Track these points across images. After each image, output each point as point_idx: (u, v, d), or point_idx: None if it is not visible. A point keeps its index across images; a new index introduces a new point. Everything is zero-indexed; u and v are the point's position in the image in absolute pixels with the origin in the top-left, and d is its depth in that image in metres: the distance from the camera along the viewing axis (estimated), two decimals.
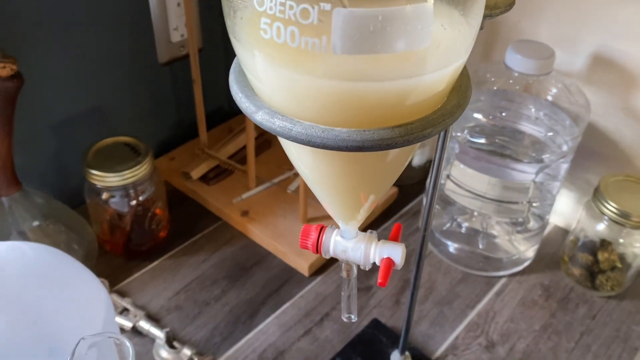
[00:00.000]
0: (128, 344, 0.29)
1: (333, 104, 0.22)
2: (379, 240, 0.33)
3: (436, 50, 0.22)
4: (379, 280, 0.32)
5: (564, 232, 0.72)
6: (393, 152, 0.27)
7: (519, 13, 0.65)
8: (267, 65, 0.22)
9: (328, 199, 0.30)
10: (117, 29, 0.67)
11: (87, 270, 0.42)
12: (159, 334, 0.57)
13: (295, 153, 0.27)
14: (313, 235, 0.33)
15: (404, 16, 0.20)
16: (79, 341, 0.29)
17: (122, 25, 0.67)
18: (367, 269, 0.34)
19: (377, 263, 0.33)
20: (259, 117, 0.24)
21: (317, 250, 0.33)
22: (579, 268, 0.64)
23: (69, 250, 0.61)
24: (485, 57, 0.70)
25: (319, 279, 0.66)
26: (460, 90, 0.25)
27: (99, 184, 0.60)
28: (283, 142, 0.28)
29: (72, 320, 0.39)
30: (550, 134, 0.59)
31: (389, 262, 0.32)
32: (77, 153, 0.61)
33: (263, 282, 0.65)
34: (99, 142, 0.62)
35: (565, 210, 0.71)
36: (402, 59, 0.21)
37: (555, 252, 0.70)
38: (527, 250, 0.67)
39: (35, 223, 0.60)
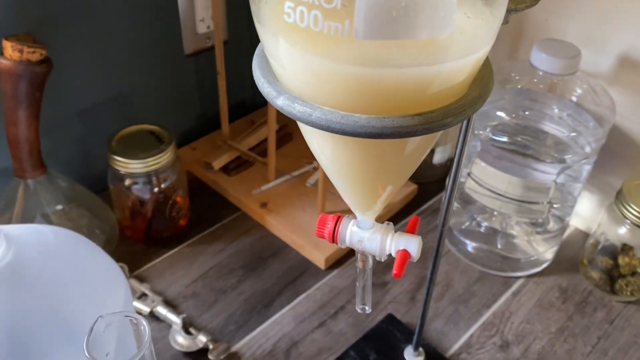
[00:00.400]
0: (145, 323, 0.29)
1: (354, 89, 0.22)
2: (395, 232, 0.33)
3: (459, 39, 0.22)
4: (394, 272, 0.32)
5: (584, 235, 0.71)
6: (412, 143, 0.27)
7: (546, 11, 0.64)
8: (290, 50, 0.23)
9: (346, 189, 0.31)
10: (145, 19, 0.68)
11: (106, 255, 0.43)
12: (175, 319, 0.58)
13: (316, 141, 0.28)
14: (330, 225, 0.33)
15: (427, 2, 0.20)
16: (97, 319, 0.29)
17: (150, 16, 0.68)
18: (382, 260, 0.34)
19: (393, 254, 0.33)
20: (280, 102, 0.24)
21: (334, 239, 0.33)
22: (599, 272, 0.63)
23: (90, 234, 0.63)
24: (512, 55, 0.70)
25: (335, 272, 0.66)
26: (483, 82, 0.25)
27: (122, 170, 0.61)
28: (304, 129, 0.28)
29: (90, 303, 0.39)
30: (573, 134, 0.58)
31: (405, 253, 0.32)
32: (102, 139, 0.62)
33: (279, 273, 0.65)
34: (123, 129, 0.63)
35: (587, 212, 0.70)
36: (424, 46, 0.21)
37: (574, 255, 0.69)
38: (546, 252, 0.67)
39: (59, 206, 0.61)
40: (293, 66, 0.23)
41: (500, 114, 0.59)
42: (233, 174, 0.75)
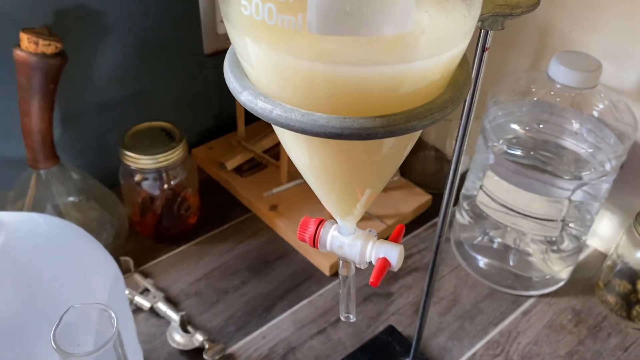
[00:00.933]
0: (113, 315, 0.29)
1: (312, 86, 0.22)
2: (378, 239, 0.32)
3: (424, 37, 0.21)
4: (371, 280, 0.31)
5: (603, 256, 0.68)
6: (387, 144, 0.26)
7: (570, 23, 0.62)
8: (254, 47, 0.22)
9: (323, 192, 0.30)
10: (166, 17, 0.68)
11: (99, 246, 0.43)
12: (174, 316, 0.58)
13: (288, 143, 0.27)
14: (311, 228, 0.32)
15: None
16: (68, 309, 0.29)
17: (171, 14, 0.69)
18: (362, 268, 0.33)
19: (374, 262, 0.32)
20: (243, 97, 0.24)
21: (314, 243, 0.32)
22: (615, 296, 0.60)
23: (100, 227, 0.63)
24: (533, 66, 0.68)
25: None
26: (457, 86, 0.24)
27: (133, 166, 0.62)
28: (277, 132, 0.27)
29: (78, 292, 0.40)
30: (591, 150, 0.56)
31: (385, 262, 0.31)
32: (117, 135, 0.63)
33: (283, 277, 0.65)
34: (136, 125, 0.64)
35: (607, 233, 0.68)
36: (386, 44, 0.20)
37: (591, 277, 0.66)
38: (561, 271, 0.64)
39: (70, 198, 0.62)
40: (259, 64, 0.23)
41: (515, 126, 0.57)
42: (246, 175, 0.75)
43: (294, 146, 0.27)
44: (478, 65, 0.32)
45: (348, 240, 0.32)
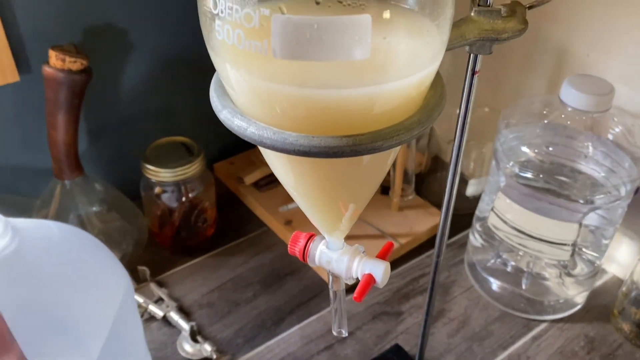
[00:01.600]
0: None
1: (282, 107, 0.23)
2: (365, 255, 0.33)
3: (384, 62, 0.22)
4: (355, 295, 0.32)
5: (620, 282, 0.67)
6: (365, 160, 0.27)
7: (587, 47, 0.62)
8: (226, 67, 0.24)
9: (307, 208, 0.31)
10: (189, 35, 0.71)
11: (110, 254, 0.45)
12: (185, 326, 0.59)
13: (269, 158, 0.28)
14: (301, 243, 0.33)
15: (340, 26, 0.20)
16: None
17: (194, 33, 0.71)
18: (349, 283, 0.34)
19: (360, 278, 0.33)
20: (222, 115, 0.25)
21: (304, 258, 0.33)
22: (630, 324, 0.59)
23: (120, 237, 0.66)
24: (550, 89, 0.67)
25: (349, 297, 0.65)
26: (427, 108, 0.25)
27: (153, 179, 0.64)
28: (262, 151, 0.29)
29: (87, 299, 0.41)
30: (603, 174, 0.55)
31: (369, 278, 0.32)
32: (140, 148, 0.65)
33: (294, 292, 0.66)
34: (158, 139, 0.66)
35: (624, 259, 0.66)
36: (346, 68, 0.21)
37: (608, 303, 0.65)
38: (577, 296, 0.63)
39: (93, 208, 0.64)
40: (236, 84, 0.24)
41: (525, 149, 0.57)
42: (263, 190, 0.76)
43: (276, 162, 0.28)
44: (469, 88, 0.33)
45: (335, 256, 0.33)
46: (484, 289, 0.66)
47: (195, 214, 0.68)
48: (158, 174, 0.64)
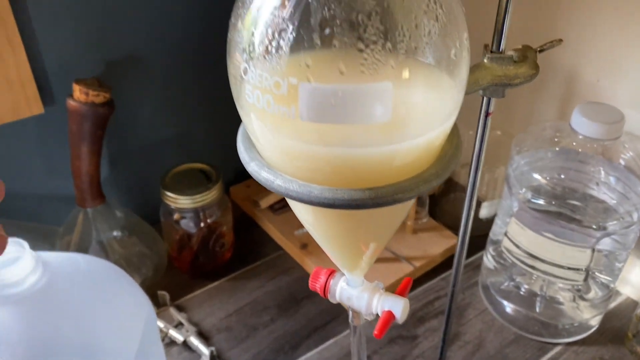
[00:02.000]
0: None
1: (308, 163, 0.24)
2: (385, 291, 0.34)
3: (404, 122, 0.23)
4: (375, 332, 0.33)
5: (635, 304, 0.67)
6: (383, 210, 0.28)
7: (597, 72, 0.63)
8: (257, 125, 0.25)
9: (327, 248, 0.32)
10: (206, 64, 0.73)
11: (134, 284, 0.47)
12: (204, 351, 0.61)
13: (295, 206, 0.30)
14: (322, 279, 0.35)
15: (363, 93, 0.21)
16: None
17: (211, 61, 0.73)
18: (369, 320, 0.35)
19: (379, 314, 0.34)
20: (250, 167, 0.26)
21: (325, 294, 0.35)
22: None
23: (140, 262, 0.67)
24: (561, 115, 0.68)
25: (369, 330, 0.66)
26: (444, 160, 0.26)
27: (172, 205, 0.66)
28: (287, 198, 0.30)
29: (113, 329, 0.43)
30: (615, 200, 0.56)
31: (389, 315, 0.33)
32: (160, 174, 0.67)
33: (311, 315, 0.67)
34: (176, 167, 0.68)
35: (638, 281, 0.67)
36: (366, 129, 0.23)
37: (622, 326, 0.65)
38: (591, 319, 0.64)
39: (114, 234, 0.66)
40: (263, 140, 0.26)
41: (537, 176, 0.58)
42: (278, 213, 0.78)
43: (298, 207, 0.29)
44: (482, 129, 0.34)
45: (356, 292, 0.34)
46: (498, 311, 0.67)
47: (214, 238, 0.69)
48: (177, 201, 0.66)
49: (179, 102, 0.74)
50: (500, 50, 0.31)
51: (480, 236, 0.77)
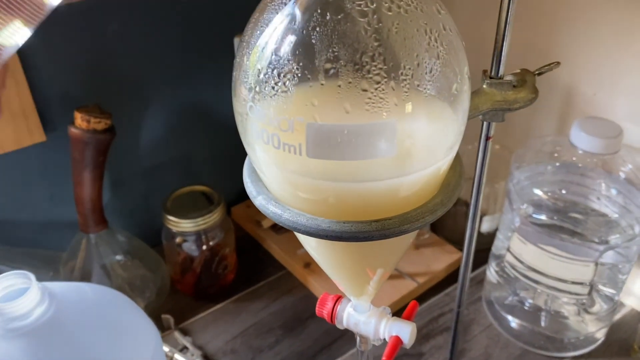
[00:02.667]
0: None
1: (313, 197, 0.25)
2: (392, 316, 0.34)
3: (405, 157, 0.23)
4: (383, 358, 0.33)
5: (639, 315, 0.67)
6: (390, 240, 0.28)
7: (595, 86, 0.63)
8: (263, 161, 0.25)
9: (334, 275, 0.32)
10: (205, 86, 0.74)
11: (140, 311, 0.47)
12: None
13: (301, 236, 0.30)
14: (329, 305, 0.35)
15: (368, 131, 0.22)
16: None
17: (210, 83, 0.74)
18: (376, 345, 0.35)
19: (387, 339, 0.34)
20: (258, 201, 0.27)
21: (332, 320, 0.35)
22: None
23: (143, 285, 0.67)
24: (560, 129, 0.69)
25: (377, 353, 0.66)
26: (448, 189, 0.27)
27: (174, 229, 0.66)
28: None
29: (122, 357, 0.43)
30: (617, 213, 0.56)
31: (397, 340, 0.33)
32: (162, 196, 0.67)
33: (317, 335, 0.67)
34: (178, 190, 0.68)
35: None
36: (372, 164, 0.23)
37: (628, 337, 0.65)
38: (596, 332, 0.64)
39: (117, 258, 0.66)
40: (270, 174, 0.26)
41: (537, 191, 0.58)
42: (281, 233, 0.78)
43: (307, 240, 0.30)
44: (483, 153, 0.34)
45: (363, 318, 0.34)
46: (503, 326, 0.67)
47: (216, 261, 0.69)
48: (179, 225, 0.66)
49: (178, 125, 0.74)
50: (499, 75, 0.32)
51: (482, 250, 0.77)
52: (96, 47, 0.63)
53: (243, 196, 0.85)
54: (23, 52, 0.57)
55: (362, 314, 0.34)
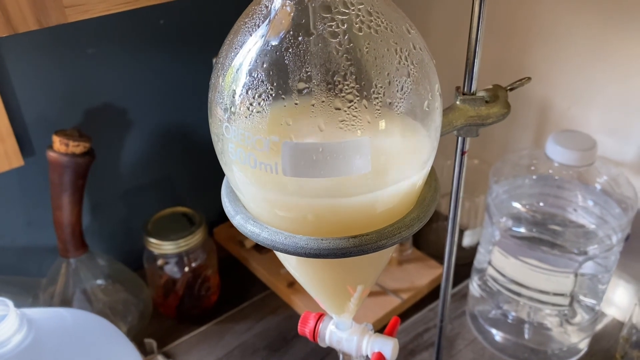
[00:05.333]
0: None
1: (290, 214, 0.25)
2: (374, 332, 0.35)
3: (380, 173, 0.24)
4: None
5: (621, 325, 0.68)
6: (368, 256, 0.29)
7: (568, 100, 0.65)
8: (240, 180, 0.25)
9: (317, 295, 0.32)
10: (184, 109, 0.74)
11: (122, 336, 0.46)
12: None
13: (281, 255, 0.30)
14: (311, 323, 0.35)
15: (343, 148, 0.22)
16: None
17: (188, 106, 0.74)
18: None
19: (369, 356, 0.34)
20: (236, 220, 0.27)
21: (314, 338, 0.35)
22: None
23: (125, 309, 0.67)
24: (537, 141, 0.70)
25: None
26: (424, 204, 0.27)
27: (156, 251, 0.66)
28: None
29: None
30: (594, 224, 0.57)
31: (379, 357, 0.33)
32: (142, 219, 0.67)
33: (302, 355, 0.66)
34: (159, 212, 0.68)
35: (622, 302, 0.68)
36: (347, 180, 0.23)
37: (610, 347, 0.66)
38: (579, 343, 0.64)
39: (98, 282, 0.65)
40: (247, 194, 0.26)
41: (516, 204, 0.59)
42: (264, 252, 0.78)
43: (285, 257, 0.30)
44: (459, 167, 0.35)
45: (345, 335, 0.34)
46: (487, 340, 0.67)
47: (199, 282, 0.69)
48: (160, 247, 0.65)
49: (158, 147, 0.74)
50: (472, 91, 0.32)
51: (464, 265, 0.77)
52: (75, 70, 0.63)
53: (225, 217, 0.85)
54: None
55: (344, 331, 0.34)
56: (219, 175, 0.86)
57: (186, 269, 0.67)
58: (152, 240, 0.65)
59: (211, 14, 0.71)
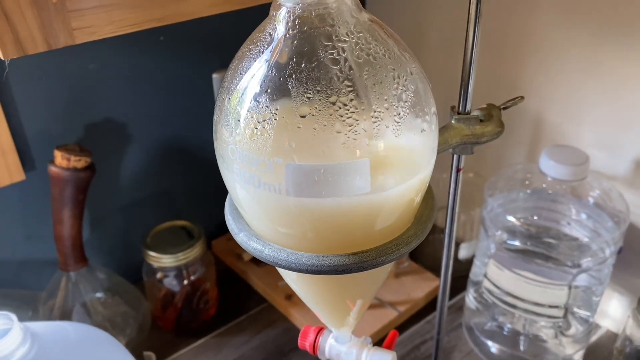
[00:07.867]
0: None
1: (293, 231, 0.26)
2: (372, 346, 0.35)
3: (379, 191, 0.25)
4: None
5: (615, 336, 0.69)
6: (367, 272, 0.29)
7: (561, 116, 0.66)
8: (244, 199, 0.26)
9: (317, 309, 0.33)
10: (183, 123, 0.75)
11: (122, 348, 0.47)
12: None
13: (282, 270, 0.31)
14: (311, 337, 0.35)
15: (344, 170, 0.23)
16: None
17: (187, 120, 0.75)
18: None
19: None
20: (240, 238, 0.28)
21: (314, 351, 0.35)
22: None
23: (124, 322, 0.67)
24: (530, 156, 0.71)
25: None
26: (421, 221, 0.28)
27: (155, 264, 0.66)
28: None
29: None
30: (588, 237, 0.58)
31: None
32: (142, 232, 0.68)
33: None
34: (158, 225, 0.69)
35: (616, 314, 0.69)
36: (347, 201, 0.24)
37: (605, 358, 0.67)
38: (574, 354, 0.65)
39: (97, 295, 0.66)
40: (251, 212, 0.27)
41: (511, 218, 0.60)
42: (262, 265, 0.78)
43: (287, 273, 0.30)
44: (454, 184, 0.36)
45: (344, 349, 0.35)
46: (483, 352, 0.67)
47: (198, 295, 0.69)
48: (159, 260, 0.66)
49: (157, 161, 0.75)
50: (467, 111, 0.33)
51: (460, 277, 0.78)
52: (76, 85, 0.64)
53: (223, 229, 0.86)
54: (1, 90, 0.58)
55: (344, 345, 0.35)
56: (218, 188, 0.86)
57: (185, 282, 0.68)
58: (151, 253, 0.65)
59: (210, 31, 0.72)
